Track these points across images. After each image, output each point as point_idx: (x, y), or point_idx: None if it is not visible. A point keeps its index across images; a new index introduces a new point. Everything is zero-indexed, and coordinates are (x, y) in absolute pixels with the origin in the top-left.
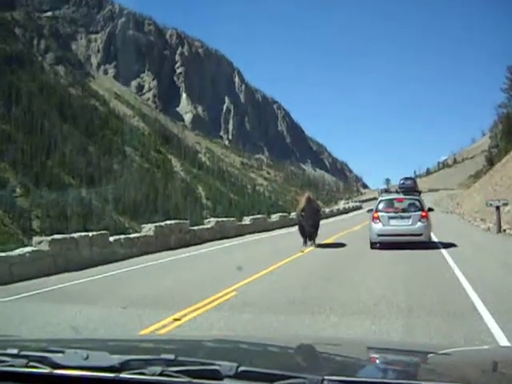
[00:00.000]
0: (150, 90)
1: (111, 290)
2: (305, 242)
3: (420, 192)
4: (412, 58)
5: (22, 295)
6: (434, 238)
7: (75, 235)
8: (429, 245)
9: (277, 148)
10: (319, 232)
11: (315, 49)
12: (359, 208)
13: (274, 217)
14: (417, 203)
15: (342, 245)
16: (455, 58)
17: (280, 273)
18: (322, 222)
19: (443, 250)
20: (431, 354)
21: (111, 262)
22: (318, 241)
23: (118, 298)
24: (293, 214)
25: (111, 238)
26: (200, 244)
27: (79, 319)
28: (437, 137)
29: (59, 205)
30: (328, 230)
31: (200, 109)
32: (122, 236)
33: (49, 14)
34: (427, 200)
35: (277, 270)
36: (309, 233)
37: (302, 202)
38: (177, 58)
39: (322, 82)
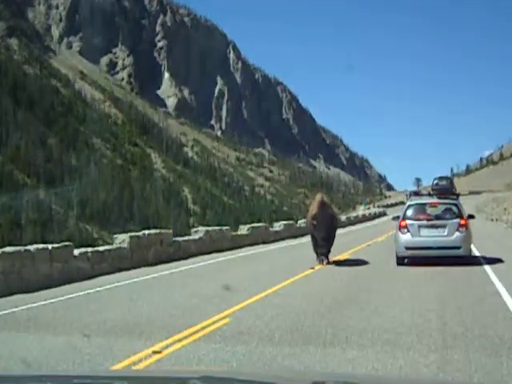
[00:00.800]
0: (123, 68)
1: (75, 316)
2: (319, 258)
3: (458, 195)
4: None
5: None
6: (476, 252)
7: (31, 248)
8: (469, 260)
9: (281, 140)
10: (335, 244)
11: (327, 24)
12: (383, 214)
13: (278, 225)
14: (454, 209)
15: (361, 261)
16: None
17: (284, 295)
18: (337, 233)
19: (487, 268)
20: None
21: (76, 280)
22: (333, 256)
23: (83, 325)
24: (300, 222)
25: (76, 252)
26: (185, 259)
27: (35, 351)
28: (478, 127)
29: (11, 210)
30: (345, 242)
31: (186, 92)
32: (90, 249)
33: None
34: (467, 205)
35: (280, 291)
36: (321, 246)
37: (314, 206)
38: (157, 28)
39: (337, 61)
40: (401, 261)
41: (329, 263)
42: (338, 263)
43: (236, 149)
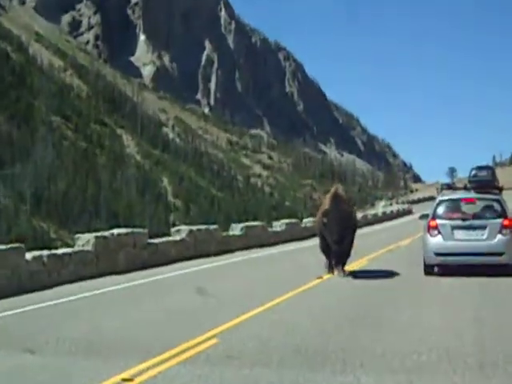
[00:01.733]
0: (89, 29)
1: (27, 334)
2: (329, 266)
3: (501, 189)
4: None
5: None
6: None
7: None
8: None
9: (283, 120)
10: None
11: None
12: (408, 212)
13: (279, 224)
14: (496, 206)
15: (380, 269)
16: None
17: (285, 310)
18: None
19: None
20: None
21: (28, 290)
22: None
23: (36, 345)
24: (306, 221)
25: (28, 255)
26: (164, 265)
27: None
28: None
29: None
30: (361, 246)
31: (166, 59)
32: (46, 252)
33: None
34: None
35: (280, 305)
36: (336, 252)
37: (326, 201)
38: None
39: (351, 20)
40: (429, 269)
41: (344, 274)
42: (352, 272)
43: (227, 130)
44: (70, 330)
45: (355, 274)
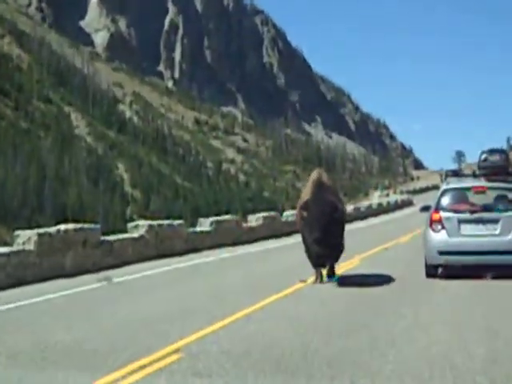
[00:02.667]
0: None
1: None
2: (316, 272)
3: None
4: None
5: None
6: None
7: None
8: None
9: (261, 96)
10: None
11: None
12: (408, 204)
13: (255, 219)
14: (511, 196)
15: (374, 270)
16: None
17: (262, 319)
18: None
19: None
20: None
21: None
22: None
23: None
24: (288, 214)
25: None
26: (119, 266)
27: None
28: None
29: None
30: (352, 243)
31: (122, 24)
32: None
33: None
34: None
35: (256, 313)
36: (318, 254)
37: (307, 189)
38: None
39: None
40: (432, 271)
41: (329, 279)
42: (342, 277)
43: (195, 107)
44: (12, 343)
45: (345, 275)
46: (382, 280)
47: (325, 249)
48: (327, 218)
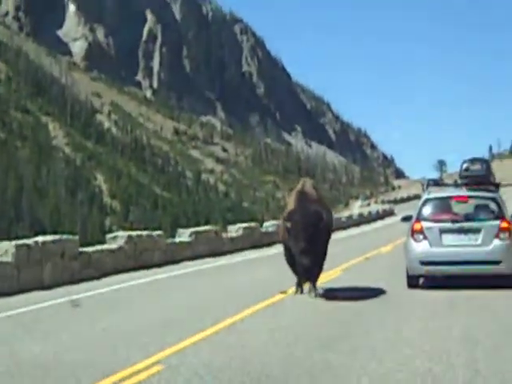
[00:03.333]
0: None
1: None
2: (297, 283)
3: (498, 185)
4: None
5: None
6: None
7: None
8: None
9: (240, 105)
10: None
11: None
12: (390, 214)
13: (235, 230)
14: (492, 206)
15: (355, 280)
16: None
17: (242, 331)
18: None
19: None
20: None
21: None
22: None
23: None
24: (268, 224)
25: None
26: (97, 278)
27: None
28: None
29: None
30: (334, 253)
31: (100, 33)
32: None
33: None
34: None
35: (237, 325)
36: (303, 266)
37: (291, 200)
38: None
39: None
40: (414, 281)
41: (312, 292)
42: (322, 284)
43: (174, 117)
44: None
45: (327, 288)
46: (363, 291)
47: (311, 259)
48: (312, 228)
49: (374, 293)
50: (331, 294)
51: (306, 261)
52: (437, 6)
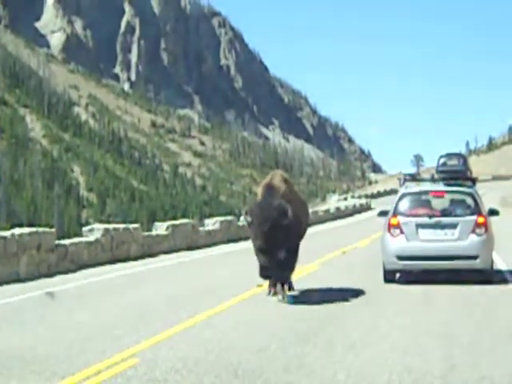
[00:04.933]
0: None
1: None
2: (270, 285)
3: (475, 180)
4: None
5: None
6: (500, 265)
7: None
8: (490, 276)
9: (218, 98)
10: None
11: None
12: (367, 208)
13: (212, 223)
14: (469, 201)
15: (331, 275)
16: None
17: (219, 324)
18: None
19: None
20: None
21: None
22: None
23: None
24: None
25: None
26: (74, 271)
27: None
28: (506, 83)
29: None
30: (310, 248)
31: (79, 25)
32: None
33: None
34: (489, 195)
35: (213, 319)
36: (263, 266)
37: (258, 193)
38: None
39: None
40: (390, 276)
41: (280, 295)
42: (299, 279)
43: (151, 110)
44: None
45: (302, 280)
46: (339, 285)
47: (269, 259)
48: (271, 225)
49: (350, 288)
50: (307, 288)
51: (264, 260)
52: (412, 2)
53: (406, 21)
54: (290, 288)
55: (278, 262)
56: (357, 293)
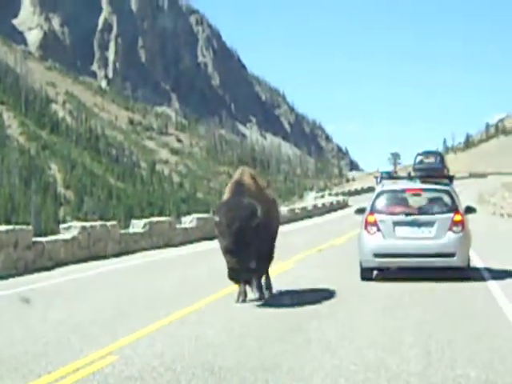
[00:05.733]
0: None
1: None
2: (240, 289)
3: (452, 178)
4: None
5: None
6: (477, 263)
7: None
8: (467, 274)
9: (195, 96)
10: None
11: None
12: (344, 206)
13: (189, 220)
14: (446, 198)
15: (308, 272)
16: None
17: (196, 322)
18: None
19: (493, 285)
20: None
21: None
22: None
23: None
24: None
25: None
26: (51, 269)
27: None
28: (484, 82)
29: None
30: (288, 245)
31: (56, 22)
32: None
33: None
34: (466, 193)
35: (190, 317)
36: (229, 266)
37: (226, 191)
38: None
39: None
40: (367, 274)
41: (257, 293)
42: (275, 276)
43: (129, 107)
44: None
45: (279, 277)
46: (316, 283)
47: (238, 261)
48: (240, 225)
49: (326, 285)
50: (284, 286)
51: (232, 262)
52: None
53: (385, 17)
54: (268, 288)
55: (247, 269)
56: (333, 291)
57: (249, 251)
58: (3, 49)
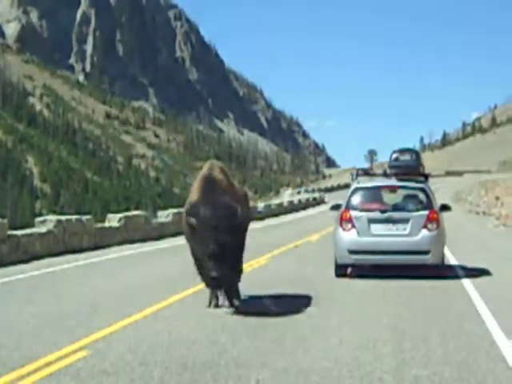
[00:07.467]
0: None
1: None
2: (211, 294)
3: (428, 176)
4: None
5: None
6: (451, 260)
7: None
8: (441, 271)
9: (172, 90)
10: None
11: None
12: (320, 202)
13: (165, 215)
14: (421, 196)
15: (283, 268)
16: None
17: (169, 317)
18: (252, 228)
19: (467, 283)
20: None
21: None
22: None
23: None
24: None
25: None
26: (26, 262)
27: None
28: (462, 80)
29: None
30: (263, 241)
31: (34, 15)
32: None
33: None
34: (442, 191)
35: (164, 311)
36: (213, 273)
37: (194, 188)
38: None
39: None
40: (342, 271)
41: (235, 302)
42: (250, 272)
43: (106, 101)
44: None
45: (254, 273)
46: (290, 279)
47: (222, 266)
48: (224, 226)
49: (300, 282)
50: (259, 282)
51: (217, 268)
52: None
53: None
54: (237, 294)
55: (229, 268)
56: (307, 287)
57: (232, 255)
58: None
